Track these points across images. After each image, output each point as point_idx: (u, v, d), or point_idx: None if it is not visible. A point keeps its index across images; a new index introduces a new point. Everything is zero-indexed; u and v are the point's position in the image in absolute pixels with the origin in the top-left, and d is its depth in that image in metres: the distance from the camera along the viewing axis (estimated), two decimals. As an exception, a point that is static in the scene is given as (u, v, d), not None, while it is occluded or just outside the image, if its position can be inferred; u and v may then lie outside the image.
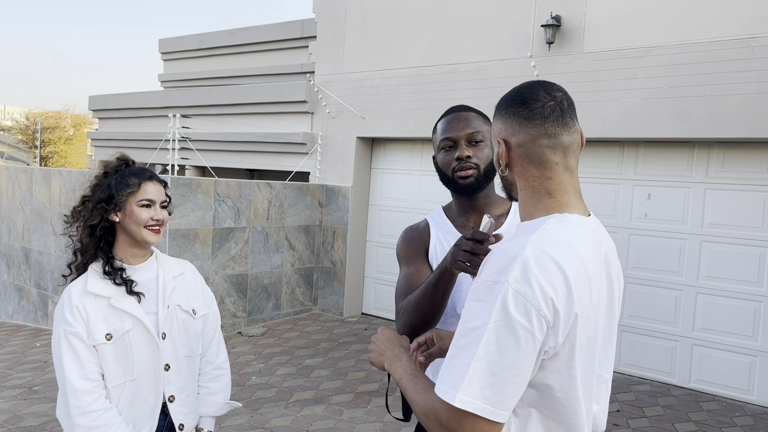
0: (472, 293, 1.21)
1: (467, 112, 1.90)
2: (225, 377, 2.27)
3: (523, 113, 1.32)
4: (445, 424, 1.16)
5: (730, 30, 5.07)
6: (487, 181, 1.86)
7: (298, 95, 7.99)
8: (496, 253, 1.23)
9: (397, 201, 7.52)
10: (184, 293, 2.14)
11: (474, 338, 1.15)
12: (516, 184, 1.38)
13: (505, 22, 6.34)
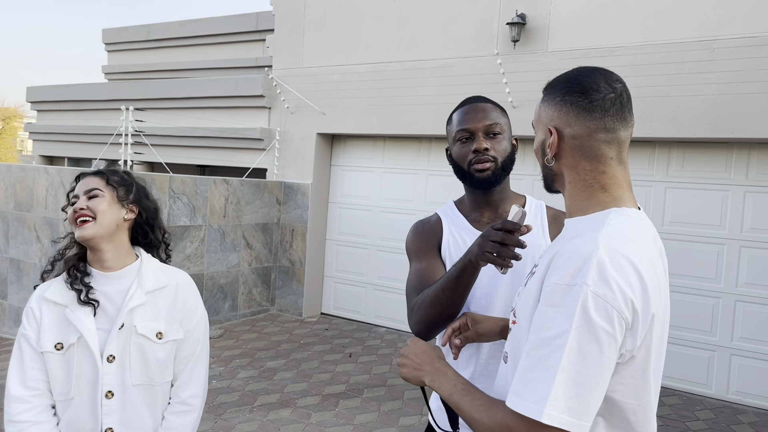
0: (546, 298, 1.11)
1: (485, 103, 1.82)
2: (190, 415, 1.87)
3: (582, 104, 1.23)
4: None
5: (691, 32, 5.18)
6: (504, 174, 1.79)
7: (255, 89, 7.76)
8: (564, 253, 1.13)
9: (358, 199, 7.40)
10: (153, 312, 1.81)
11: (555, 347, 1.07)
12: (562, 175, 1.29)
13: (470, 19, 6.31)
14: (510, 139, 1.81)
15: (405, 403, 4.95)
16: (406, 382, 5.38)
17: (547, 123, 1.28)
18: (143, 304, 1.80)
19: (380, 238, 7.21)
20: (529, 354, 1.10)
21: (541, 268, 1.20)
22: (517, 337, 1.25)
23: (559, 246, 1.20)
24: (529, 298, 1.20)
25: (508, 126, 1.82)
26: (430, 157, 6.89)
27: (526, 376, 1.09)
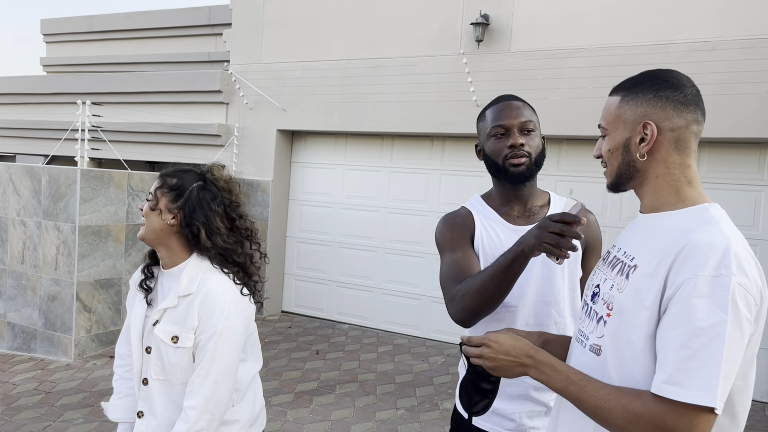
0: (692, 291, 1.16)
1: (518, 102, 1.88)
2: (184, 425, 1.79)
3: (678, 98, 1.31)
4: (670, 427, 1.15)
5: (648, 36, 5.43)
6: (537, 169, 1.86)
7: (212, 85, 7.62)
8: (698, 247, 1.19)
9: (320, 196, 7.39)
10: (179, 316, 1.86)
11: (713, 336, 1.13)
12: (646, 172, 1.35)
13: (433, 18, 6.41)
14: (540, 135, 1.88)
15: (378, 398, 5.00)
16: (377, 378, 5.45)
17: (640, 119, 1.33)
18: (175, 307, 1.86)
19: (343, 235, 7.22)
20: (685, 345, 1.15)
21: (652, 263, 1.25)
22: (616, 329, 1.30)
23: (673, 240, 1.24)
24: (641, 292, 1.25)
25: (538, 123, 1.89)
26: (393, 155, 6.95)
27: (687, 366, 1.14)
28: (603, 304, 1.36)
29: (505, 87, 5.90)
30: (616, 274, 1.36)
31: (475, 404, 1.53)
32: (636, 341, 1.25)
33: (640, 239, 1.36)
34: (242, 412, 1.97)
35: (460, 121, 6.24)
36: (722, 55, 5.12)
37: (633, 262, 1.32)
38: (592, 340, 1.37)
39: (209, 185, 1.94)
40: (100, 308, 5.91)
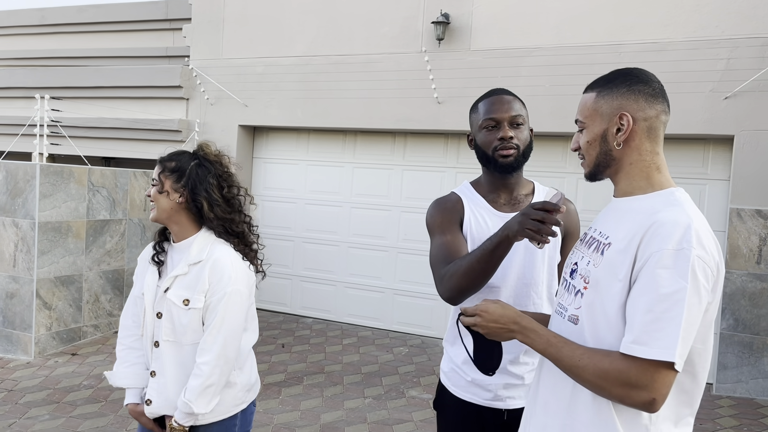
0: (657, 263, 1.31)
1: (509, 96, 2.00)
2: (198, 379, 2.04)
3: (649, 91, 1.48)
4: (634, 382, 1.31)
5: (601, 36, 5.69)
6: (524, 160, 1.99)
7: (172, 80, 7.57)
8: (663, 224, 1.35)
9: (283, 191, 7.43)
10: (190, 282, 2.10)
11: (674, 301, 1.30)
12: (621, 160, 1.50)
13: (395, 16, 6.53)
14: (528, 128, 2.01)
15: (346, 387, 5.11)
16: (343, 368, 5.56)
17: (616, 111, 1.48)
18: (185, 274, 2.10)
19: (306, 230, 7.29)
20: (650, 310, 1.31)
21: (624, 240, 1.41)
22: (591, 300, 1.46)
23: (642, 220, 1.40)
24: (614, 266, 1.41)
25: (527, 117, 2.02)
26: (356, 151, 7.06)
27: (651, 327, 1.30)
28: (580, 278, 1.51)
29: (466, 84, 6.10)
30: (593, 251, 1.51)
31: (487, 363, 1.68)
32: (609, 310, 1.41)
33: (613, 220, 1.51)
34: (242, 377, 2.18)
35: (421, 117, 6.39)
36: (670, 56, 5.41)
37: (607, 240, 1.47)
38: (570, 311, 1.53)
39: (203, 161, 2.18)
40: (61, 305, 5.83)
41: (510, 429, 1.94)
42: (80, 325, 6.04)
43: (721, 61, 5.29)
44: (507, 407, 1.96)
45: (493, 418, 1.97)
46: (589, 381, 1.38)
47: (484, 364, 1.67)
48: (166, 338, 2.11)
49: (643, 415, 1.39)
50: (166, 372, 2.11)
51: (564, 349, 1.43)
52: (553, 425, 1.53)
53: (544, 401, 1.58)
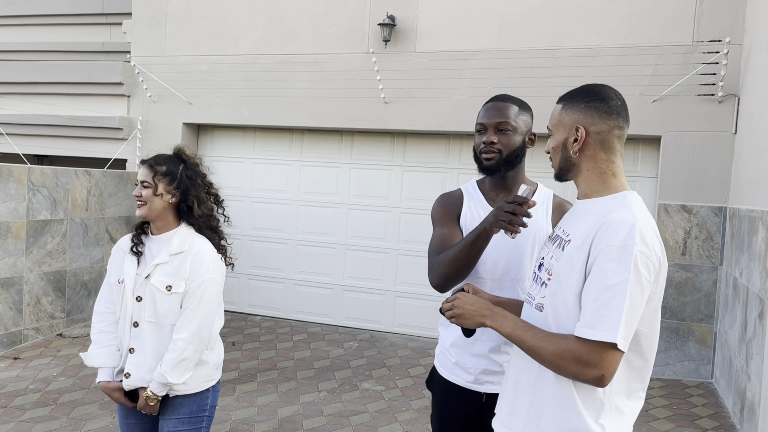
0: (605, 257, 1.51)
1: (504, 103, 2.15)
2: (173, 353, 2.33)
3: (603, 108, 1.68)
4: (585, 360, 1.51)
5: (540, 41, 5.98)
6: (508, 165, 2.13)
7: (112, 76, 7.42)
8: (612, 224, 1.55)
9: (228, 190, 7.41)
10: (171, 270, 2.36)
11: (618, 291, 1.50)
12: (579, 165, 1.71)
13: (342, 17, 6.64)
14: (524, 135, 2.16)
15: (300, 382, 5.20)
16: (296, 364, 5.65)
17: (574, 123, 1.69)
18: (166, 263, 2.37)
19: (253, 228, 7.31)
20: (598, 298, 1.51)
21: (581, 238, 1.60)
22: (554, 290, 1.65)
23: (596, 219, 1.60)
24: (572, 260, 1.61)
25: (525, 124, 2.16)
26: (303, 149, 7.13)
27: (598, 313, 1.50)
28: (545, 271, 1.72)
29: (412, 85, 6.28)
30: (555, 247, 1.72)
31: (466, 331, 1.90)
32: (568, 299, 1.61)
33: (575, 220, 1.72)
34: (213, 356, 2.50)
35: (369, 116, 6.54)
36: (603, 61, 5.75)
37: (568, 237, 1.68)
38: (537, 300, 1.73)
39: (189, 165, 2.47)
40: (0, 308, 5.66)
41: (488, 411, 2.09)
42: (21, 329, 5.88)
43: (649, 67, 5.67)
44: (486, 391, 2.13)
45: (473, 399, 2.15)
46: (548, 360, 1.57)
47: (465, 330, 1.89)
48: (148, 319, 2.36)
49: (598, 390, 1.59)
50: (145, 349, 2.37)
51: (528, 333, 1.63)
52: (523, 401, 1.72)
53: (514, 380, 1.77)
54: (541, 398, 1.66)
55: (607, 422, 1.60)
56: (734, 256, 5.08)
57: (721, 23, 5.48)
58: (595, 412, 1.60)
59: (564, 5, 5.92)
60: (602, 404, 1.60)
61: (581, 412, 1.59)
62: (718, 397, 5.17)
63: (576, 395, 1.60)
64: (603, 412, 1.60)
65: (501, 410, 1.82)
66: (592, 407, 1.60)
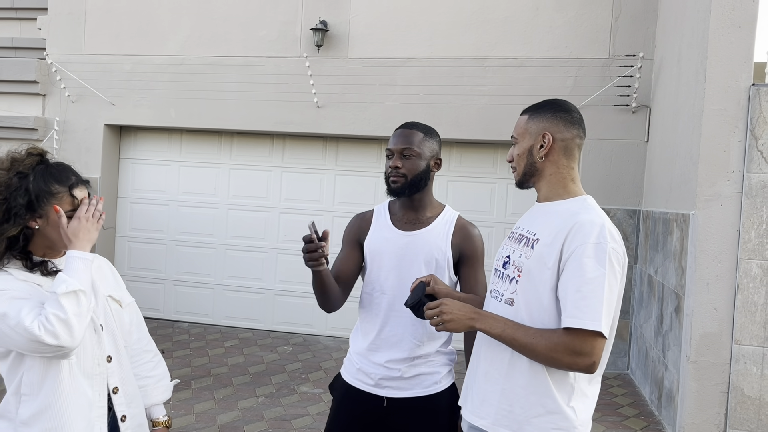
0: (581, 254, 1.67)
1: (411, 130, 2.25)
2: (162, 361, 2.26)
3: (567, 118, 1.86)
4: (578, 350, 1.65)
5: (468, 51, 6.21)
6: (413, 188, 2.22)
7: (26, 74, 7.04)
8: (583, 225, 1.71)
9: (153, 193, 7.20)
10: (108, 284, 2.05)
11: (597, 284, 1.65)
12: (543, 171, 1.87)
13: (273, 21, 6.62)
14: (429, 160, 2.24)
15: (237, 388, 5.14)
16: (230, 370, 5.59)
17: (540, 131, 1.85)
18: (100, 279, 1.98)
19: (179, 232, 7.13)
20: (579, 290, 1.65)
21: (550, 236, 1.75)
22: (525, 285, 1.79)
23: (565, 220, 1.75)
24: (543, 257, 1.75)
25: (430, 150, 2.24)
26: (232, 152, 7.04)
27: (581, 304, 1.64)
28: (514, 268, 1.85)
29: (345, 90, 6.36)
30: (523, 246, 1.85)
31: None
32: (542, 293, 1.75)
33: (539, 220, 1.87)
34: None
35: (301, 120, 6.55)
36: (528, 71, 6.05)
37: (535, 236, 1.82)
38: (506, 296, 1.85)
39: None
40: None
41: (389, 415, 2.24)
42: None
43: (570, 78, 6.02)
44: (387, 395, 2.25)
45: (375, 403, 2.25)
46: (542, 354, 1.69)
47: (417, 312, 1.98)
48: (124, 344, 2.05)
49: (569, 375, 1.74)
50: (129, 379, 2.04)
51: (518, 331, 1.74)
52: (494, 390, 1.83)
53: (484, 372, 1.88)
54: (514, 386, 1.78)
55: (577, 405, 1.75)
56: (648, 255, 5.48)
57: (634, 39, 5.91)
58: (567, 396, 1.74)
59: (491, 17, 6.18)
60: (572, 389, 1.75)
61: (555, 396, 1.74)
62: (636, 387, 5.55)
63: (550, 381, 1.74)
64: (573, 395, 1.75)
65: (471, 401, 1.92)
66: (564, 392, 1.74)
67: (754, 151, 3.88)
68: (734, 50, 3.96)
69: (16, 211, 1.80)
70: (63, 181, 1.88)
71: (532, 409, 1.76)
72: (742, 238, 3.91)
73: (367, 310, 2.31)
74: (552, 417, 1.74)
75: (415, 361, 2.23)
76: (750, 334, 3.89)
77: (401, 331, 2.22)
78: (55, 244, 1.88)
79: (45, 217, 1.84)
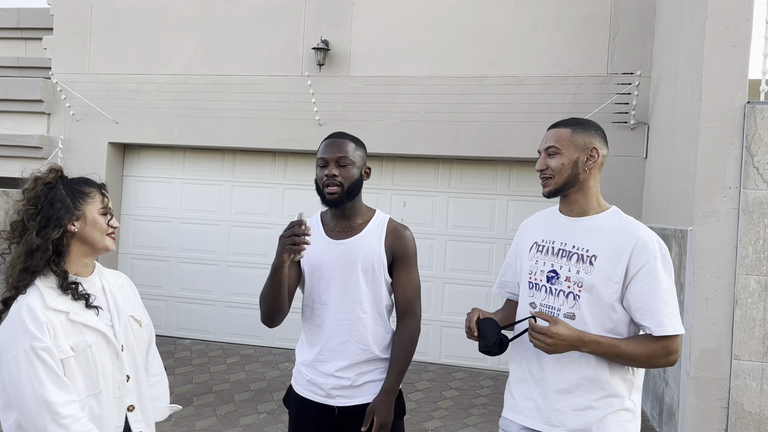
0: (656, 267, 1.91)
1: (342, 139, 2.30)
2: (164, 382, 2.25)
3: (605, 137, 2.08)
4: (672, 351, 1.93)
5: (468, 69, 6.29)
6: (350, 197, 2.27)
7: (31, 93, 7.13)
8: (643, 240, 1.94)
9: (156, 210, 7.26)
10: (130, 304, 2.11)
11: (672, 292, 1.93)
12: (585, 183, 2.02)
13: (275, 40, 6.72)
14: (361, 168, 2.30)
15: (238, 405, 5.16)
16: (232, 387, 5.61)
17: (589, 145, 2.02)
18: (123, 299, 2.08)
19: (182, 249, 7.18)
20: (664, 301, 1.90)
21: (610, 252, 1.96)
22: (588, 299, 1.97)
23: (624, 238, 1.96)
24: (608, 272, 1.95)
25: (361, 158, 2.30)
26: (235, 169, 7.10)
27: (668, 312, 1.90)
28: (571, 283, 1.99)
29: (346, 108, 6.43)
30: (576, 262, 2.00)
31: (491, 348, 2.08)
32: (608, 304, 1.96)
33: (588, 237, 2.01)
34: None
35: (303, 138, 6.62)
36: (527, 89, 6.12)
37: (590, 253, 1.98)
38: (565, 310, 2.00)
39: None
40: None
41: (341, 423, 2.30)
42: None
43: (569, 95, 6.09)
44: (337, 404, 2.29)
45: (326, 413, 2.30)
46: (641, 361, 1.94)
47: (490, 351, 2.08)
48: (142, 364, 2.10)
49: (629, 373, 2.00)
50: (143, 398, 2.08)
51: (621, 346, 1.93)
52: (564, 399, 2.01)
53: (553, 385, 2.04)
54: (585, 393, 2.00)
55: (635, 398, 2.02)
56: (648, 271, 5.50)
57: (632, 57, 5.98)
58: (628, 391, 2.00)
59: (490, 36, 6.27)
60: (632, 384, 2.01)
61: (622, 395, 1.99)
62: (637, 403, 5.55)
63: (613, 383, 1.99)
64: (633, 390, 2.01)
65: (539, 412, 2.06)
66: (626, 389, 2.00)
67: (750, 168, 3.93)
68: (729, 69, 4.02)
69: (56, 216, 1.91)
70: (92, 183, 2.02)
71: (603, 410, 1.97)
72: (739, 254, 3.94)
73: (310, 322, 2.35)
74: (620, 413, 1.98)
75: (363, 368, 2.27)
76: (749, 349, 3.91)
77: (346, 339, 2.28)
78: (94, 244, 1.98)
79: (83, 218, 1.95)
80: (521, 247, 2.23)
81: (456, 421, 5.05)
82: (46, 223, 1.90)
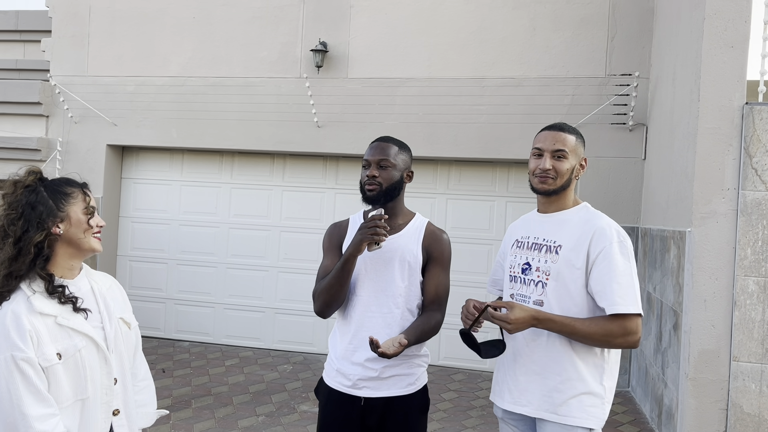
0: (609, 252, 2.07)
1: (387, 143, 2.41)
2: (150, 387, 2.22)
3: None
4: (628, 331, 2.02)
5: (466, 71, 6.29)
6: (388, 196, 2.38)
7: (30, 96, 7.13)
8: (603, 228, 2.12)
9: (155, 212, 7.25)
10: (119, 306, 2.08)
11: (628, 275, 2.06)
12: (570, 186, 2.22)
13: (273, 42, 6.71)
14: (402, 172, 2.41)
15: (237, 407, 5.15)
16: (231, 389, 5.60)
17: (582, 155, 2.27)
18: (112, 300, 2.06)
19: (180, 251, 7.17)
20: (618, 282, 2.03)
21: (572, 241, 2.12)
22: (555, 286, 2.13)
23: (584, 227, 2.14)
24: (571, 260, 2.11)
25: (403, 162, 2.41)
26: (233, 171, 7.10)
27: (621, 292, 2.02)
28: (540, 273, 2.14)
29: (345, 110, 6.43)
30: (544, 253, 2.15)
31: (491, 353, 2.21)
32: (573, 290, 2.11)
33: (554, 229, 2.19)
34: None
35: (302, 140, 6.61)
36: (525, 90, 6.12)
37: (556, 243, 2.14)
38: (534, 298, 2.18)
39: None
40: None
41: (366, 414, 2.36)
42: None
43: (567, 97, 6.08)
44: (364, 395, 2.36)
45: (353, 403, 2.37)
46: (598, 340, 2.04)
47: (488, 352, 2.18)
48: (129, 367, 2.08)
49: (600, 357, 2.12)
50: (129, 402, 2.05)
51: (576, 324, 2.06)
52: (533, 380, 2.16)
53: (523, 367, 2.19)
54: (551, 375, 2.13)
55: (608, 383, 2.14)
56: (647, 272, 5.50)
57: (630, 58, 5.98)
58: (599, 376, 2.13)
59: (489, 38, 6.27)
60: (603, 369, 2.12)
61: (587, 379, 2.12)
62: (636, 404, 5.54)
63: (583, 367, 2.12)
64: (604, 375, 2.13)
65: (509, 393, 2.22)
66: (597, 373, 2.14)
67: (749, 169, 3.92)
68: (727, 70, 4.02)
69: (38, 220, 1.86)
70: (73, 183, 1.98)
71: (567, 392, 2.09)
72: (738, 255, 3.93)
73: (344, 313, 2.44)
74: (584, 397, 2.08)
75: (390, 361, 2.31)
76: (748, 350, 3.90)
77: (376, 332, 2.33)
78: (80, 245, 1.93)
79: (67, 220, 1.90)
80: (506, 245, 2.43)
81: (455, 422, 5.04)
82: (28, 227, 1.86)
